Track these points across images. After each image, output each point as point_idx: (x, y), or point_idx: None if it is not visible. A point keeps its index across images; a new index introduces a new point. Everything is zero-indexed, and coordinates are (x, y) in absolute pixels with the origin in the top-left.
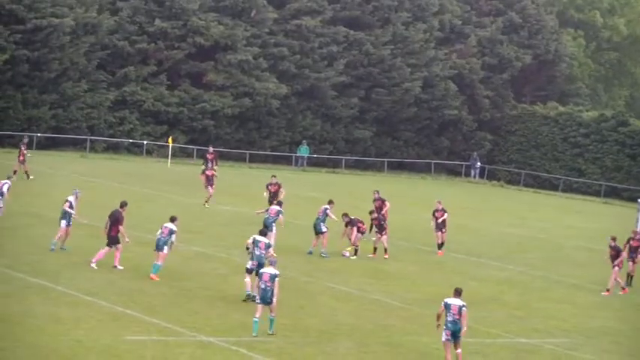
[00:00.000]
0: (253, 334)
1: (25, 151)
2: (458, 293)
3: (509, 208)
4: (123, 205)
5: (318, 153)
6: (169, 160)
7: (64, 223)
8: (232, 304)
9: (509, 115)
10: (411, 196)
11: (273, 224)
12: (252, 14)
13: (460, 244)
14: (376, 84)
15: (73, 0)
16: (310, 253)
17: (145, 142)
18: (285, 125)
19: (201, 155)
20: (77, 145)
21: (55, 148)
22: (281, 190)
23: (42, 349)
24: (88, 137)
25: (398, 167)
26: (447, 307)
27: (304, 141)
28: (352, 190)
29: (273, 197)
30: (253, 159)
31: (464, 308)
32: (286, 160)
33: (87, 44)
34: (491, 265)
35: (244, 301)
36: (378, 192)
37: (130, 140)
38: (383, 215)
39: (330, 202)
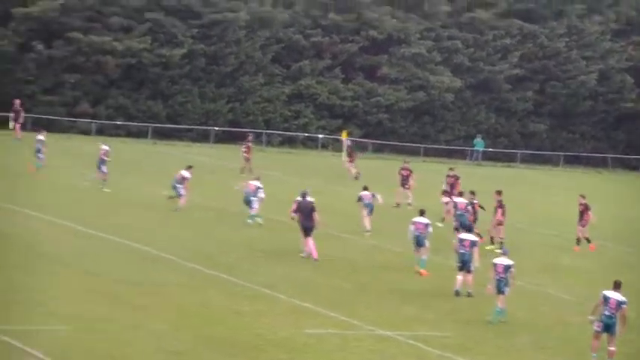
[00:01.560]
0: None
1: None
2: (617, 286)
3: None
4: (304, 194)
5: (493, 147)
6: (344, 154)
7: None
8: (408, 298)
9: None
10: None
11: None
12: (426, 7)
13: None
14: (551, 77)
15: None
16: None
17: (321, 136)
18: (460, 119)
19: (377, 149)
20: (254, 138)
21: (232, 141)
22: (412, 175)
23: (223, 341)
24: (264, 131)
25: (574, 161)
26: (606, 300)
27: (479, 135)
28: (528, 184)
29: (405, 182)
30: (428, 153)
31: (623, 305)
32: (461, 154)
33: (262, 38)
34: None
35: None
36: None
37: (306, 134)
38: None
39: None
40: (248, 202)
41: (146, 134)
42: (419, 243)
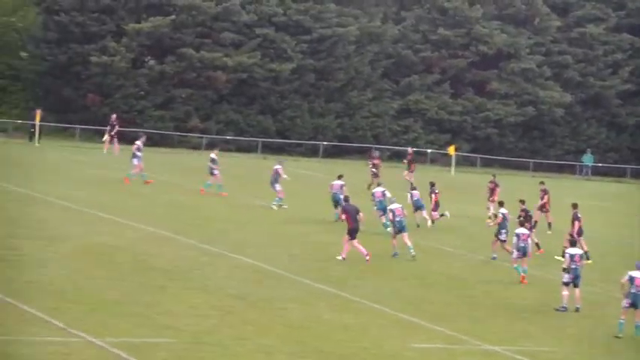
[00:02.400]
0: (619, 335)
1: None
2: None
3: None
4: (347, 199)
5: (603, 162)
6: (453, 169)
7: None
8: (515, 313)
9: None
10: None
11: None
12: (536, 22)
13: None
14: None
15: (358, 10)
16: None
17: (429, 151)
18: (569, 134)
19: (485, 164)
20: (362, 153)
21: (341, 156)
22: (497, 189)
23: (330, 355)
24: (373, 146)
25: None
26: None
27: (588, 149)
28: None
29: (490, 195)
30: (537, 168)
31: None
32: (570, 169)
33: (371, 53)
34: None
35: (557, 310)
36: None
37: (414, 149)
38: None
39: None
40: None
41: (256, 149)
42: (525, 253)
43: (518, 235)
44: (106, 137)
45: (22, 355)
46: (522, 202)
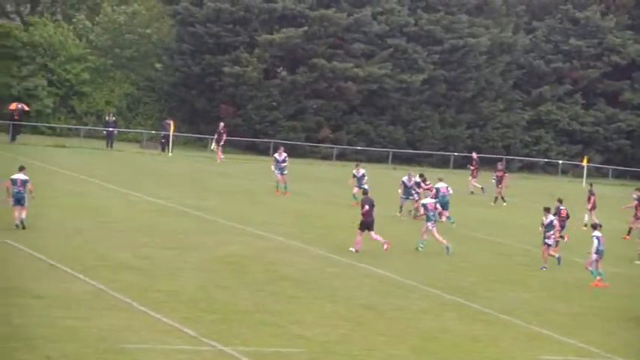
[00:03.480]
0: None
1: (503, 174)
2: None
3: None
4: (365, 192)
5: None
6: (584, 180)
7: None
8: None
9: None
10: None
11: None
12: None
13: None
14: None
15: (490, 20)
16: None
17: (560, 162)
18: None
19: (617, 175)
20: (492, 164)
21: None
22: (592, 198)
23: None
24: (504, 156)
25: None
26: None
27: None
28: None
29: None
30: None
31: None
32: None
33: (502, 64)
34: None
35: None
36: None
37: (546, 160)
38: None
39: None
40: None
41: (386, 159)
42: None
43: (598, 238)
44: (214, 146)
45: None
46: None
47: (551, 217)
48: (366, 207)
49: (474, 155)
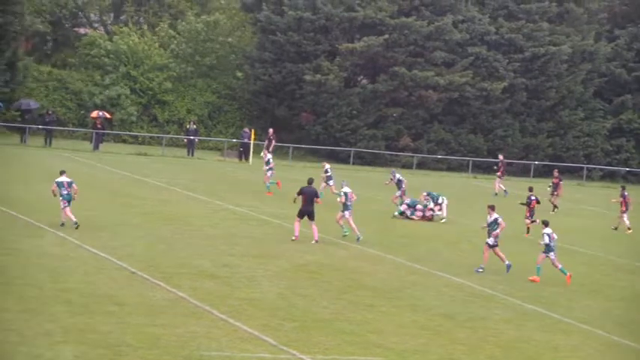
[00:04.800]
0: None
1: (559, 181)
2: None
3: None
4: (310, 181)
5: None
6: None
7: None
8: None
9: None
10: None
11: None
12: None
13: None
14: None
15: (571, 29)
16: None
17: None
18: None
19: None
20: (573, 172)
21: (550, 175)
22: (623, 201)
23: None
24: (585, 165)
25: None
26: None
27: None
28: None
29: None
30: None
31: None
32: None
33: (583, 72)
34: None
35: None
36: None
37: (627, 169)
38: None
39: None
40: None
41: (467, 168)
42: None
43: (549, 235)
44: (264, 153)
45: None
46: None
47: (495, 215)
48: (302, 195)
49: (501, 157)
